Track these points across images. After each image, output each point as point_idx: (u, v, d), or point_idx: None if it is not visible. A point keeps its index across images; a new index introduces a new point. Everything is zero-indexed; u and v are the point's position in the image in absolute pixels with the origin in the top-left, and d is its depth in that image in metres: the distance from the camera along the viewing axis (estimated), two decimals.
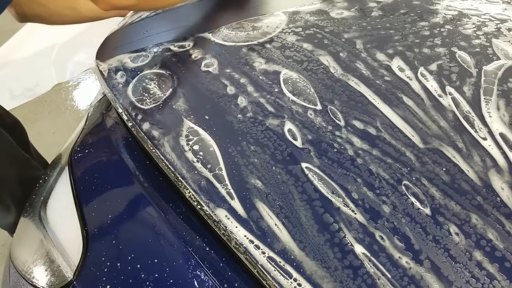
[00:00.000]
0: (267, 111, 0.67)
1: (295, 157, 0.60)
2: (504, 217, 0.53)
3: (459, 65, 0.74)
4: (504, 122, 0.65)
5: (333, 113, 0.66)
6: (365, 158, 0.60)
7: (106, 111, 0.80)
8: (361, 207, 0.54)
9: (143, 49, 0.81)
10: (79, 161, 0.68)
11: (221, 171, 0.56)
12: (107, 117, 0.78)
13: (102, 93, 0.91)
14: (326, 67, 0.75)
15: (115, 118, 0.79)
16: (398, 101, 0.68)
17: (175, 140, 0.61)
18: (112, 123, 0.76)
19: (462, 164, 0.59)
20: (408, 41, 0.80)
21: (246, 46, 0.81)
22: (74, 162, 0.68)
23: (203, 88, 0.71)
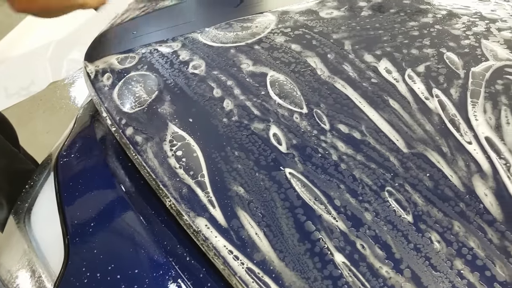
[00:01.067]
0: (253, 114, 0.64)
1: (279, 163, 0.57)
2: (486, 224, 0.50)
3: (447, 66, 0.71)
4: (490, 125, 0.61)
5: (318, 116, 0.63)
6: (349, 163, 0.57)
7: (95, 113, 0.77)
8: (343, 214, 0.51)
9: (131, 50, 0.78)
10: (65, 166, 0.66)
11: (204, 178, 0.54)
12: (95, 120, 0.75)
13: (86, 98, 0.88)
14: (313, 69, 0.72)
15: (103, 121, 0.76)
16: (384, 104, 0.65)
17: (159, 146, 0.58)
18: (100, 126, 0.73)
19: (446, 169, 0.56)
20: (396, 41, 0.76)
21: (234, 47, 0.78)
22: (60, 167, 0.65)
23: (189, 91, 0.68)
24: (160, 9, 0.91)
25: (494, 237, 0.49)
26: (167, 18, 0.88)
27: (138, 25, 0.84)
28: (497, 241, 0.49)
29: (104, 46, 0.83)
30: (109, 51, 0.80)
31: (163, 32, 0.83)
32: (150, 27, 0.84)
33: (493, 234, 0.50)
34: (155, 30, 0.85)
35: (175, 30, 0.84)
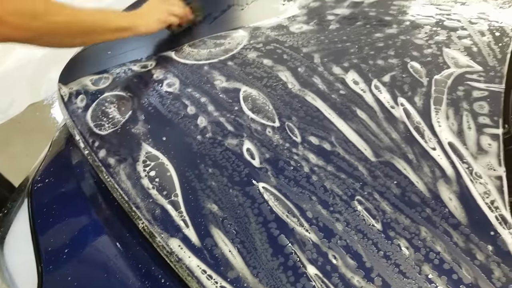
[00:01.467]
0: (227, 130, 0.64)
1: (252, 178, 0.57)
2: (451, 228, 0.52)
3: (411, 75, 0.73)
4: (453, 131, 0.63)
5: (290, 129, 0.64)
6: (320, 174, 0.58)
7: (70, 136, 0.76)
8: (315, 226, 0.52)
9: (106, 71, 0.77)
10: (39, 191, 0.64)
11: (177, 197, 0.54)
12: (70, 143, 0.74)
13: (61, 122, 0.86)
14: (284, 83, 0.72)
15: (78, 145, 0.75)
16: (352, 115, 0.66)
17: (132, 167, 0.58)
18: (75, 149, 0.72)
19: (412, 176, 0.57)
20: (363, 53, 0.78)
21: (208, 64, 0.78)
22: (34, 193, 0.64)
23: (163, 109, 0.68)
24: None
25: (460, 240, 0.50)
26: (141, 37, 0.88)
27: (113, 45, 0.84)
28: (462, 244, 0.50)
29: (78, 67, 0.82)
30: (84, 72, 0.79)
31: (137, 52, 0.83)
32: (124, 46, 0.84)
33: (459, 238, 0.51)
34: (130, 49, 0.84)
35: (149, 49, 0.84)
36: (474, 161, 0.59)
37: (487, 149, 0.60)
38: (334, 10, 0.90)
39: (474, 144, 0.61)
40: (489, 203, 0.54)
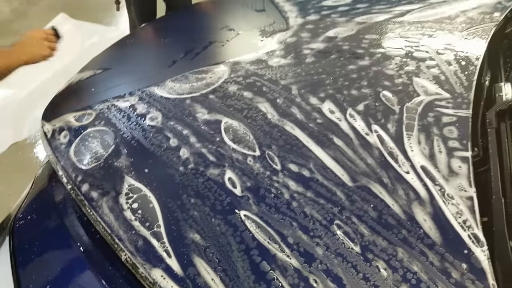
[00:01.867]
0: (209, 161, 0.67)
1: (234, 206, 0.59)
2: (427, 248, 0.54)
3: (383, 103, 0.77)
4: (425, 155, 0.67)
5: (270, 158, 0.67)
6: (300, 200, 0.60)
7: (53, 173, 0.77)
8: (296, 251, 0.54)
9: (89, 107, 0.80)
10: (21, 229, 0.65)
11: (160, 228, 0.55)
12: (53, 180, 0.75)
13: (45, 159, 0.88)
14: (264, 114, 0.76)
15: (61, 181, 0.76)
16: (329, 142, 0.69)
17: (114, 200, 0.59)
18: (57, 186, 0.73)
19: (387, 199, 0.60)
20: (338, 84, 0.83)
21: (190, 97, 0.81)
22: (15, 231, 0.64)
23: (146, 143, 0.70)
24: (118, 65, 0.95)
25: (435, 259, 0.53)
26: (125, 74, 0.91)
27: (97, 82, 0.87)
28: (438, 263, 0.52)
29: (61, 104, 0.85)
30: (67, 109, 0.81)
31: (121, 87, 0.86)
32: (108, 83, 0.87)
33: (434, 257, 0.53)
34: (114, 85, 0.87)
35: (133, 85, 0.87)
36: (446, 183, 0.62)
37: (458, 171, 0.64)
38: (309, 45, 0.96)
39: (445, 167, 0.65)
40: (461, 223, 0.57)
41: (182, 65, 0.93)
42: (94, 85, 0.89)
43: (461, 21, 1.04)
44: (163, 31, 1.15)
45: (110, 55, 1.04)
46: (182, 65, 0.93)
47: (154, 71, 0.92)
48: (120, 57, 1.04)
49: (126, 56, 1.05)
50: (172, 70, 0.91)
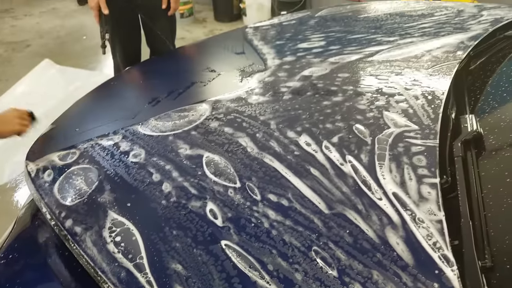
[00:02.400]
0: (191, 194, 0.70)
1: (215, 237, 0.62)
2: (400, 270, 0.57)
3: (356, 136, 0.83)
4: (396, 182, 0.72)
5: (250, 189, 0.70)
6: (279, 229, 0.63)
7: (36, 212, 0.78)
8: (276, 277, 0.56)
9: (74, 146, 0.83)
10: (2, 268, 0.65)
11: (142, 260, 0.57)
12: (35, 219, 0.76)
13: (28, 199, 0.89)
14: (244, 148, 0.80)
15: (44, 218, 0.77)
16: (306, 173, 0.74)
17: (98, 234, 0.61)
18: (40, 225, 0.74)
19: (362, 225, 0.63)
20: (313, 119, 0.88)
21: (172, 134, 0.85)
22: None
23: (129, 178, 0.73)
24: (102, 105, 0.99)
25: (408, 280, 0.56)
26: (108, 114, 0.95)
27: (81, 122, 0.91)
28: (411, 284, 0.55)
29: (46, 145, 0.87)
30: (51, 149, 0.84)
31: (105, 127, 0.89)
32: (92, 123, 0.91)
33: (407, 278, 0.56)
34: (97, 125, 0.91)
35: (117, 124, 0.91)
36: (417, 208, 0.66)
37: (427, 196, 0.68)
38: (286, 83, 1.03)
39: (416, 193, 0.69)
40: (432, 245, 0.60)
41: (165, 105, 0.98)
42: (78, 126, 0.93)
43: (426, 60, 1.14)
44: (147, 73, 1.22)
45: (94, 96, 1.09)
46: (165, 104, 0.98)
47: (137, 111, 0.96)
48: (104, 98, 1.08)
49: (110, 96, 1.09)
50: (156, 109, 0.96)
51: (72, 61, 3.12)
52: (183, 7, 3.77)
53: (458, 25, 1.40)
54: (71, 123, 0.94)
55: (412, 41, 1.27)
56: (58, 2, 4.57)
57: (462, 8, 1.59)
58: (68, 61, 3.07)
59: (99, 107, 1.04)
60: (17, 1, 4.60)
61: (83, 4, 4.32)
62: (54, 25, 3.97)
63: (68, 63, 2.95)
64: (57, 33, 3.81)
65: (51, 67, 2.52)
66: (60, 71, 2.54)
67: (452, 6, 1.62)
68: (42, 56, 2.90)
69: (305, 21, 1.50)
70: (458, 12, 1.53)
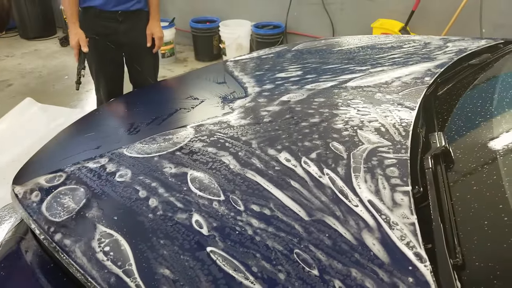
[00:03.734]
0: (176, 207, 0.74)
1: (201, 244, 0.65)
2: (377, 267, 0.62)
3: (333, 152, 0.90)
4: (371, 191, 0.78)
5: (234, 201, 0.75)
6: (263, 235, 0.67)
7: (21, 237, 0.80)
8: (260, 278, 0.60)
9: (59, 170, 0.86)
10: None
11: (131, 266, 0.60)
12: (21, 242, 0.78)
13: (15, 221, 0.91)
14: (227, 165, 0.86)
15: (30, 244, 0.79)
16: (287, 185, 0.79)
17: (87, 245, 0.64)
18: (27, 247, 0.76)
19: (340, 229, 0.68)
20: (292, 138, 0.95)
21: (158, 155, 0.90)
22: None
23: (116, 196, 0.77)
24: (88, 131, 1.04)
25: (385, 276, 0.60)
26: (94, 138, 1.00)
27: (66, 148, 0.95)
28: (387, 280, 0.60)
29: (32, 169, 0.91)
30: (38, 173, 0.87)
31: (91, 152, 0.94)
32: (78, 147, 0.95)
33: (384, 274, 0.60)
34: (83, 150, 0.95)
35: (102, 148, 0.95)
36: (391, 213, 0.72)
37: (400, 202, 0.75)
38: (266, 108, 1.11)
39: (389, 200, 0.75)
40: (406, 244, 0.65)
41: (150, 130, 1.04)
42: (64, 152, 0.97)
43: (396, 85, 1.24)
44: (131, 103, 1.28)
45: (79, 125, 1.14)
46: (150, 129, 1.04)
47: (122, 136, 1.01)
48: (89, 126, 1.13)
49: (95, 125, 1.14)
50: (141, 134, 1.01)
51: (54, 100, 3.17)
52: (165, 47, 3.93)
53: (425, 55, 1.53)
54: (57, 149, 0.98)
55: (382, 69, 1.39)
56: (40, 43, 4.69)
57: (428, 40, 1.74)
58: (50, 99, 3.12)
59: (84, 135, 1.08)
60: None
61: (65, 45, 4.45)
62: (36, 65, 4.05)
63: (50, 101, 3.01)
64: (39, 73, 3.89)
65: (33, 105, 2.57)
66: (41, 109, 2.60)
67: (419, 39, 1.78)
68: (24, 95, 2.96)
69: (282, 54, 1.61)
70: (425, 44, 1.68)
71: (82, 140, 1.02)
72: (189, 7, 4.36)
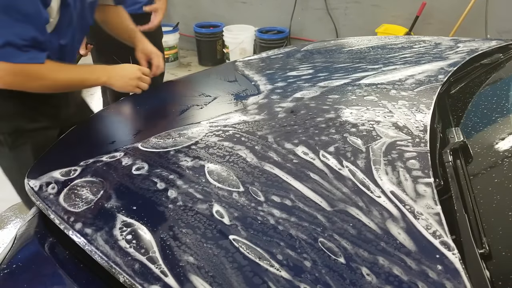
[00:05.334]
0: (196, 198, 0.74)
1: (224, 233, 0.65)
2: (404, 255, 0.62)
3: (351, 145, 0.90)
4: (393, 182, 0.78)
5: (254, 192, 0.75)
6: (285, 225, 0.67)
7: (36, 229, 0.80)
8: (286, 266, 0.60)
9: (75, 163, 0.87)
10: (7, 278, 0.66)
11: (155, 254, 0.60)
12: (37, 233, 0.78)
13: (31, 214, 0.91)
14: (244, 158, 0.86)
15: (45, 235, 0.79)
16: (306, 177, 0.79)
17: (109, 233, 0.64)
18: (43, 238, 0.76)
19: (364, 219, 0.68)
20: (309, 132, 0.96)
21: (174, 150, 0.91)
22: (1, 282, 0.66)
23: (134, 187, 0.77)
24: (100, 126, 1.04)
25: (413, 264, 0.60)
26: (108, 133, 1.00)
27: (80, 145, 0.95)
28: (416, 267, 0.60)
29: (47, 164, 0.91)
30: (53, 168, 0.88)
31: (105, 147, 0.94)
32: (92, 142, 0.95)
33: (412, 262, 0.60)
34: (98, 145, 0.96)
35: (117, 143, 0.96)
36: (414, 204, 0.72)
37: (424, 194, 0.75)
38: (280, 104, 1.11)
39: (412, 191, 0.75)
40: (432, 233, 0.66)
41: (164, 125, 1.04)
42: (77, 147, 0.97)
43: (410, 82, 1.25)
44: (142, 101, 1.28)
45: (92, 122, 1.14)
46: (164, 125, 1.04)
47: (137, 132, 1.02)
48: (100, 123, 1.14)
49: (108, 121, 1.15)
50: (155, 130, 1.02)
51: None
52: (169, 52, 3.96)
53: (437, 55, 1.55)
54: (71, 145, 0.99)
55: (395, 68, 1.40)
56: None
57: (439, 41, 1.76)
58: None
59: (97, 131, 1.09)
60: None
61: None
62: None
63: None
64: None
65: None
66: None
67: (429, 39, 1.79)
68: None
69: (292, 54, 1.63)
70: (435, 44, 1.70)
71: (96, 136, 1.02)
72: (193, 12, 4.41)
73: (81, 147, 0.99)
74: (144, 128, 1.05)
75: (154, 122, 1.08)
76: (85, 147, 0.98)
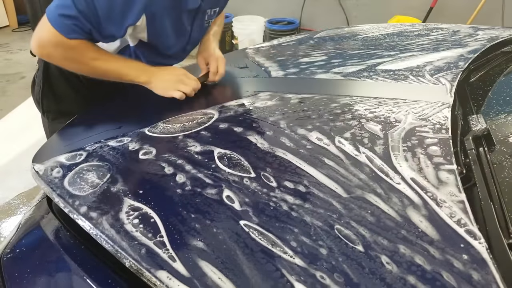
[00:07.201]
0: (205, 183, 0.71)
1: (234, 218, 0.63)
2: (427, 244, 0.58)
3: (368, 131, 0.86)
4: (413, 169, 0.74)
5: (266, 178, 0.72)
6: (299, 211, 0.64)
7: (42, 214, 0.78)
8: (301, 253, 0.56)
9: (81, 148, 0.85)
10: (10, 262, 0.64)
11: (162, 238, 0.57)
12: (43, 219, 0.76)
13: (36, 200, 0.89)
14: (255, 144, 0.83)
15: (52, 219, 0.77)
16: (321, 163, 0.76)
17: (115, 217, 0.62)
18: (49, 221, 0.74)
19: (383, 206, 0.65)
20: (323, 118, 0.92)
21: (182, 135, 0.88)
22: (5, 265, 0.64)
23: (142, 172, 0.75)
24: (109, 109, 1.02)
25: (436, 253, 0.57)
26: (115, 118, 0.98)
27: (87, 128, 0.93)
28: (439, 256, 0.56)
29: (52, 148, 0.89)
30: (58, 152, 0.86)
31: (112, 132, 0.92)
32: (98, 128, 0.93)
33: (435, 251, 0.57)
34: (104, 130, 0.94)
35: (124, 128, 0.93)
36: (437, 191, 0.68)
37: (446, 181, 0.71)
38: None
39: (434, 178, 0.72)
40: (456, 221, 0.62)
41: (172, 110, 1.01)
42: (83, 133, 0.95)
43: (429, 69, 1.21)
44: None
45: (98, 107, 1.12)
46: (172, 110, 1.02)
47: (144, 117, 0.99)
48: (108, 107, 1.12)
49: (115, 106, 1.13)
50: (163, 115, 0.99)
51: None
52: None
53: (456, 42, 1.49)
54: (77, 129, 0.97)
55: (412, 54, 1.36)
56: None
57: (457, 29, 1.70)
58: None
59: (104, 116, 1.06)
60: (13, 36, 4.77)
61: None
62: None
63: None
64: None
65: None
66: None
67: (447, 27, 1.74)
68: None
69: (304, 41, 1.59)
70: (454, 32, 1.64)
71: (102, 121, 1.00)
72: None
73: (87, 132, 0.96)
74: (152, 113, 1.03)
75: (162, 107, 1.05)
76: (93, 131, 0.95)
